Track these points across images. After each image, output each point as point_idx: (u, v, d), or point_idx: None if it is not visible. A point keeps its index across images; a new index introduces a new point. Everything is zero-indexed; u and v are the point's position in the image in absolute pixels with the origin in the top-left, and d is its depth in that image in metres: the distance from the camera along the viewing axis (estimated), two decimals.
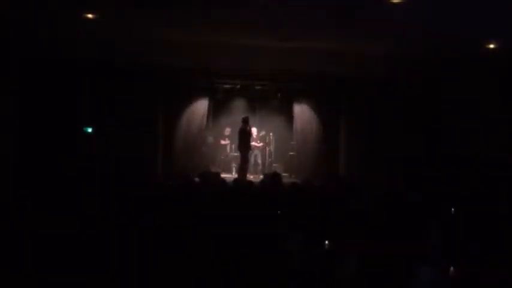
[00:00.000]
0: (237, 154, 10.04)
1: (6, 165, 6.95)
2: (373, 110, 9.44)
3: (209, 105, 9.89)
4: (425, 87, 9.21)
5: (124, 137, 8.79)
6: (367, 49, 8.19)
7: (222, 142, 10.14)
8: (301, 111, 9.95)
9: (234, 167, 10.21)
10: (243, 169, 9.03)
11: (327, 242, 3.29)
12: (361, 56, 8.45)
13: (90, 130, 8.93)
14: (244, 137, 9.01)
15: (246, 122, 9.09)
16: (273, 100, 10.30)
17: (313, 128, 10.03)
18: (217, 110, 10.38)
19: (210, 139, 10.16)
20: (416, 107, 9.22)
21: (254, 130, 9.88)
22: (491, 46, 7.55)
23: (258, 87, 9.98)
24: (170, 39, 8.04)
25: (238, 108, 10.34)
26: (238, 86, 9.92)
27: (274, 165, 10.26)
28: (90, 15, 6.57)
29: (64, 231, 3.36)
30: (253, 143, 9.66)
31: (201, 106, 9.86)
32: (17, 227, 3.47)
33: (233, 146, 10.27)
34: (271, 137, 10.32)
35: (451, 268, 2.77)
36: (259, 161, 10.10)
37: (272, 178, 6.74)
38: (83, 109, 8.75)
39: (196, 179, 6.42)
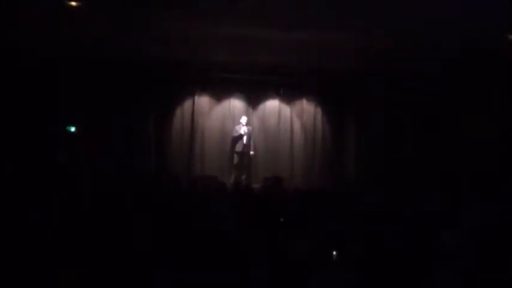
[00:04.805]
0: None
1: None
2: (383, 107, 9.57)
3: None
4: (440, 83, 9.16)
5: (112, 136, 8.97)
6: (376, 43, 7.99)
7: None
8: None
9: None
10: None
11: (334, 252, 3.40)
12: (370, 49, 8.26)
13: (73, 129, 9.10)
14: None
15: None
16: (275, 96, 10.39)
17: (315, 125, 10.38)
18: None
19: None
20: (431, 104, 9.23)
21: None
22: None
23: (257, 82, 10.04)
24: (162, 31, 8.08)
25: (236, 105, 10.39)
26: (236, 81, 9.97)
27: None
28: (73, 3, 6.65)
29: (49, 235, 3.50)
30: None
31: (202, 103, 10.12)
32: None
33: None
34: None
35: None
36: None
37: (274, 182, 6.90)
38: (66, 108, 8.88)
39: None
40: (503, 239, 3.50)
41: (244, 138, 9.73)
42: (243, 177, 9.66)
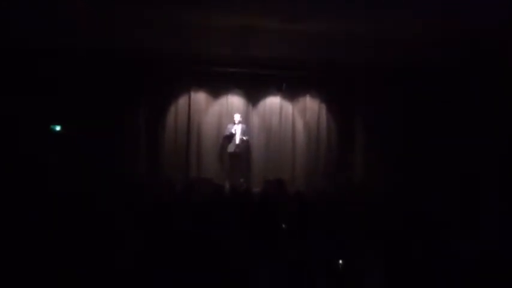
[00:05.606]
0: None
1: None
2: (395, 104, 9.48)
3: None
4: (459, 78, 9.01)
5: (103, 135, 8.97)
6: (388, 32, 7.70)
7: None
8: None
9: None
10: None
11: (340, 261, 3.41)
12: (378, 40, 8.03)
13: (58, 128, 9.07)
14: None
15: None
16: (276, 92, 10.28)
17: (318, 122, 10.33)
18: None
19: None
20: (448, 101, 9.08)
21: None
22: None
23: (258, 77, 9.94)
24: (156, 22, 7.93)
25: (234, 102, 10.32)
26: (234, 75, 9.90)
27: None
28: None
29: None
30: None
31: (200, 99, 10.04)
32: None
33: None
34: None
35: None
36: None
37: (275, 185, 6.88)
38: (50, 105, 8.83)
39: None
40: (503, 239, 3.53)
41: (237, 138, 9.56)
42: (241, 180, 9.56)
